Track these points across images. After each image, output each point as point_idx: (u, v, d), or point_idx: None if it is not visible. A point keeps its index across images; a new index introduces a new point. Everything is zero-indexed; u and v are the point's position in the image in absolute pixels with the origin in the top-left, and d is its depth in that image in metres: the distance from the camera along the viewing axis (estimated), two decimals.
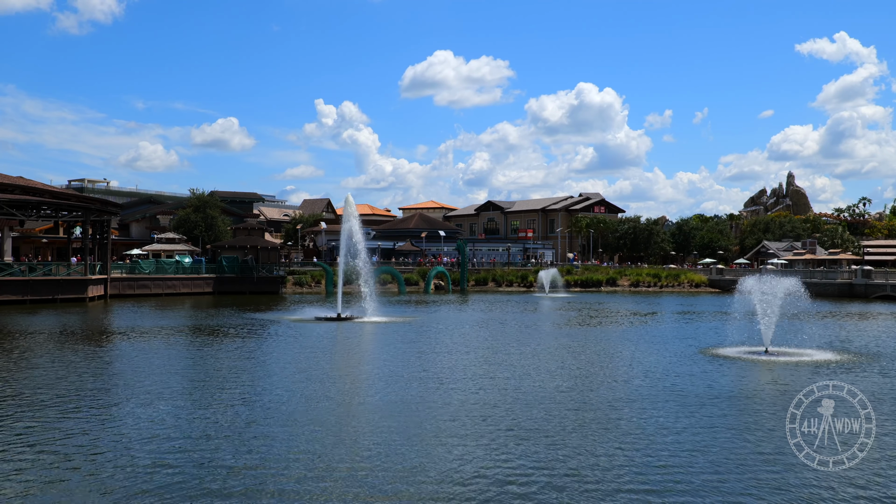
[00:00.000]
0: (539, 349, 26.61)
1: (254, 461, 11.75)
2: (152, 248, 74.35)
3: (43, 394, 17.20)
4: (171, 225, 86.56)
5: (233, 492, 10.33)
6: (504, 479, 10.99)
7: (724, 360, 23.52)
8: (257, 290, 65.59)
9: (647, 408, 16.05)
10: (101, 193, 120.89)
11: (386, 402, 16.64)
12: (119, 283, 59.53)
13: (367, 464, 11.67)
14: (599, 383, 19.28)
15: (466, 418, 14.93)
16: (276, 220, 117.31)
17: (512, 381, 19.47)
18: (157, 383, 18.69)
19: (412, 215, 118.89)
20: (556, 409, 15.88)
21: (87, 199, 60.26)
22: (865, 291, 66.88)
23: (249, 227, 76.75)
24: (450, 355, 24.74)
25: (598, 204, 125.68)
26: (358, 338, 30.67)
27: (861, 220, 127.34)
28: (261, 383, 19.02)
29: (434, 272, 77.19)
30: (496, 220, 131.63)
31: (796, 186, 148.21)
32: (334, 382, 19.43)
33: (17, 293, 48.42)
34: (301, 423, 14.32)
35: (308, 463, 11.67)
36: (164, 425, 14.11)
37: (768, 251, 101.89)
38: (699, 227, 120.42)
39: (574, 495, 10.33)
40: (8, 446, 12.58)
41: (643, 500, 10.16)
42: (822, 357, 24.13)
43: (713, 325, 37.31)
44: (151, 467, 11.36)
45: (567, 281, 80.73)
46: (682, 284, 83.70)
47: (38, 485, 10.59)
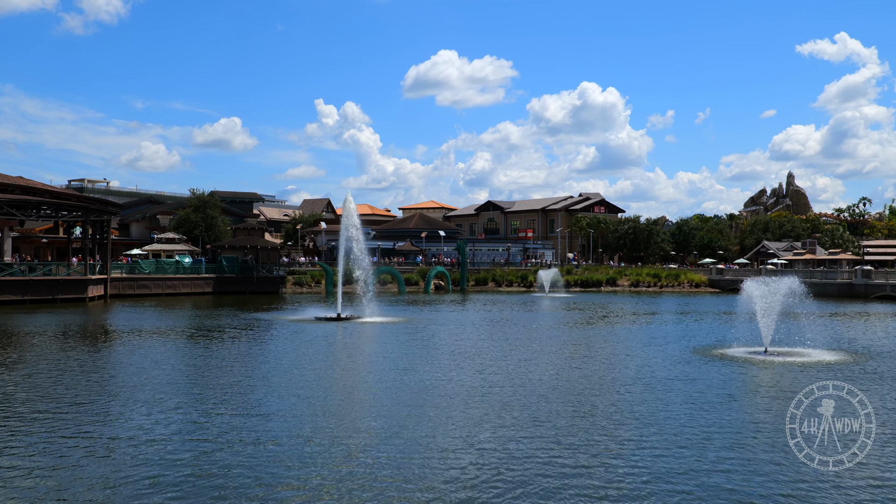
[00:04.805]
0: (538, 349, 26.60)
1: (254, 461, 11.73)
2: (152, 248, 74.35)
3: (43, 394, 17.19)
4: (171, 225, 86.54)
5: (233, 492, 10.33)
6: (505, 478, 10.99)
7: (724, 361, 23.51)
8: (257, 290, 65.59)
9: (647, 408, 16.05)
10: (101, 193, 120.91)
11: (386, 401, 16.64)
12: (119, 283, 59.52)
13: (368, 463, 11.67)
14: (599, 384, 19.26)
15: (468, 418, 14.92)
16: (276, 220, 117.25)
17: (512, 381, 19.46)
18: (157, 384, 18.68)
19: (412, 215, 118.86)
20: (556, 409, 15.87)
21: (87, 199, 60.26)
22: (865, 291, 66.88)
23: (249, 227, 76.76)
24: (449, 355, 24.71)
25: (599, 204, 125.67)
26: (358, 338, 30.67)
27: (861, 220, 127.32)
28: (260, 383, 18.99)
29: (434, 272, 77.18)
30: (496, 220, 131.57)
31: (796, 186, 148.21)
32: (334, 382, 19.42)
33: (17, 293, 48.42)
34: (301, 424, 14.31)
35: (308, 463, 11.66)
36: (163, 426, 14.09)
37: (768, 251, 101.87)
38: (699, 227, 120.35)
39: (574, 495, 10.33)
40: (8, 447, 12.57)
41: (643, 499, 10.16)
42: (822, 357, 24.12)
43: (713, 325, 37.31)
44: (151, 468, 11.36)
45: (567, 281, 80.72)
46: (682, 284, 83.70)
47: (38, 485, 10.59)
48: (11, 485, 10.57)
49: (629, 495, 10.32)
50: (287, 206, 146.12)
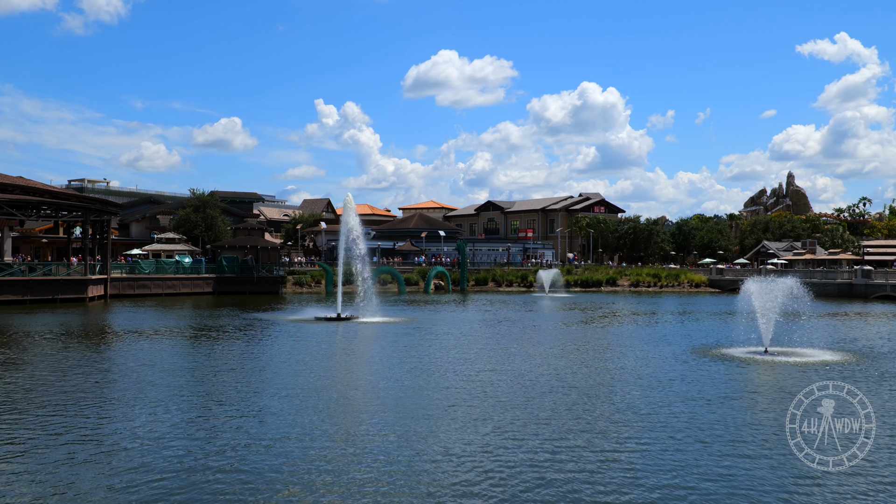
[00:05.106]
0: (538, 349, 26.60)
1: (253, 461, 11.74)
2: (152, 248, 74.35)
3: (43, 395, 17.20)
4: (171, 225, 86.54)
5: (233, 492, 10.33)
6: (504, 479, 10.99)
7: (724, 360, 23.51)
8: (257, 290, 65.59)
9: (647, 408, 16.05)
10: (101, 193, 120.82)
11: (386, 402, 16.64)
12: (119, 283, 59.53)
13: (368, 463, 11.67)
14: (598, 384, 19.26)
15: (469, 419, 14.92)
16: (276, 220, 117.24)
17: (512, 380, 19.46)
18: (157, 384, 18.68)
19: (412, 215, 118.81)
20: (556, 409, 15.87)
21: (87, 199, 60.25)
22: (865, 291, 66.88)
23: (249, 227, 76.75)
24: (449, 354, 24.70)
25: (598, 204, 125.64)
26: (358, 338, 30.67)
27: (861, 220, 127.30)
28: (260, 384, 19.00)
29: (434, 272, 77.17)
30: (496, 220, 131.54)
31: (796, 186, 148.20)
32: (334, 382, 19.42)
33: (17, 293, 48.43)
34: (301, 424, 14.31)
35: (308, 463, 11.66)
36: (163, 426, 14.09)
37: (768, 251, 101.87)
38: (699, 227, 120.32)
39: (574, 495, 10.33)
40: (8, 447, 12.57)
41: (643, 499, 10.16)
42: (822, 357, 24.12)
43: (713, 325, 37.31)
44: (152, 468, 11.36)
45: (567, 281, 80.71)
46: (682, 284, 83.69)
47: (38, 486, 10.59)
48: (11, 485, 10.57)
49: (629, 495, 10.32)
50: (287, 206, 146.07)
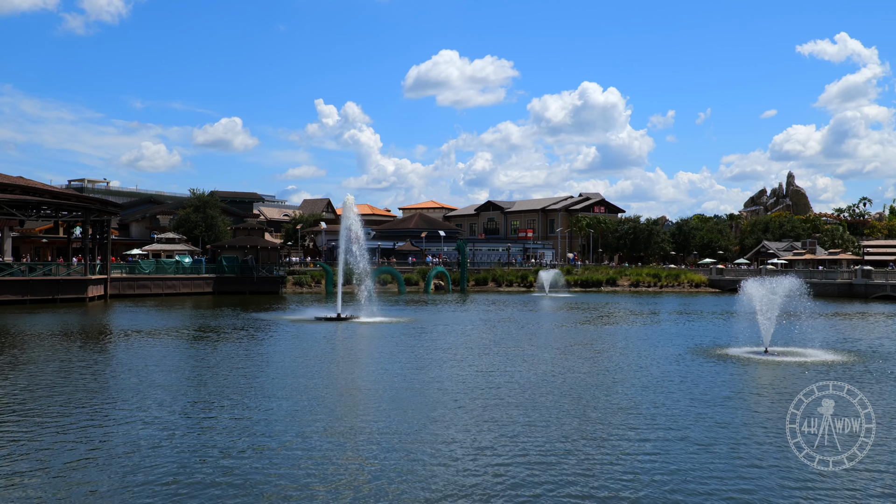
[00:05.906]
0: (539, 349, 26.60)
1: (253, 461, 11.74)
2: (152, 248, 74.35)
3: (43, 395, 17.19)
4: (171, 225, 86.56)
5: (233, 492, 10.33)
6: (505, 479, 10.99)
7: (724, 360, 23.51)
8: (257, 290, 65.59)
9: (647, 408, 16.05)
10: (101, 193, 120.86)
11: (386, 402, 16.64)
12: (119, 283, 59.52)
13: (368, 463, 11.67)
14: (598, 384, 19.26)
15: (469, 419, 14.92)
16: (276, 220, 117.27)
17: (513, 381, 19.46)
18: (157, 384, 18.68)
19: (412, 215, 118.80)
20: (556, 409, 15.88)
21: (87, 199, 60.24)
22: (865, 291, 66.87)
23: (249, 227, 76.75)
24: (449, 354, 24.71)
25: (598, 204, 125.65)
26: (358, 338, 30.67)
27: (861, 220, 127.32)
28: (260, 384, 19.00)
29: (434, 272, 77.16)
30: (496, 220, 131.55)
31: (796, 186, 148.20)
32: (334, 382, 19.43)
33: (16, 293, 48.43)
34: (301, 423, 14.31)
35: (308, 462, 11.67)
36: (163, 426, 14.09)
37: (768, 251, 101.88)
38: (699, 227, 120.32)
39: (574, 495, 10.32)
40: (8, 447, 12.57)
41: (643, 499, 10.16)
42: (822, 357, 24.12)
43: (713, 325, 37.31)
44: (151, 468, 11.36)
45: (567, 281, 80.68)
46: (682, 284, 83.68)
47: (38, 486, 10.59)
48: (12, 485, 10.57)
49: (629, 495, 10.32)
50: (287, 206, 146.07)
